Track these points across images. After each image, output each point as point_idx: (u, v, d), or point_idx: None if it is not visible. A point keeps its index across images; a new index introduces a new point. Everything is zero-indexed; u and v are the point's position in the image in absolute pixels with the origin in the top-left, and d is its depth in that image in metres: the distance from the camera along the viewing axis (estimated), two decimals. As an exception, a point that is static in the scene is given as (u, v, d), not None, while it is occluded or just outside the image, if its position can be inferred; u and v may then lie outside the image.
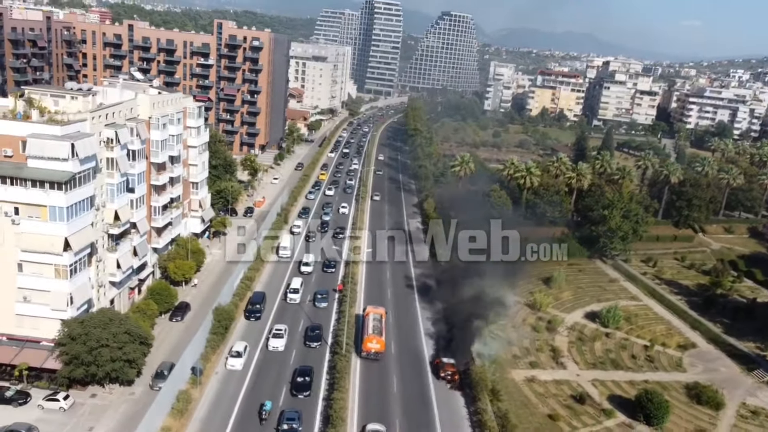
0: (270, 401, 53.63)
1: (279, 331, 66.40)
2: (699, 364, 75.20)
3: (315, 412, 54.34)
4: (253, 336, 67.22)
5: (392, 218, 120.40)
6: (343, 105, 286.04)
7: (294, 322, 71.95)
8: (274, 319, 72.25)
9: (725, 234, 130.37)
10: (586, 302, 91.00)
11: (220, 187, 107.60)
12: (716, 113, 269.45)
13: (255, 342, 65.82)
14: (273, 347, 64.36)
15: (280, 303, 77.01)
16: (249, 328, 69.37)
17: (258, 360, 62.60)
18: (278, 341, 64.94)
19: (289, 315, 74.11)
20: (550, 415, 59.86)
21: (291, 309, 75.78)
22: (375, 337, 64.44)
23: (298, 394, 56.07)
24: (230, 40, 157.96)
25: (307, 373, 58.68)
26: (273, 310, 74.56)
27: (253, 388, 57.53)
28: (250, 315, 71.01)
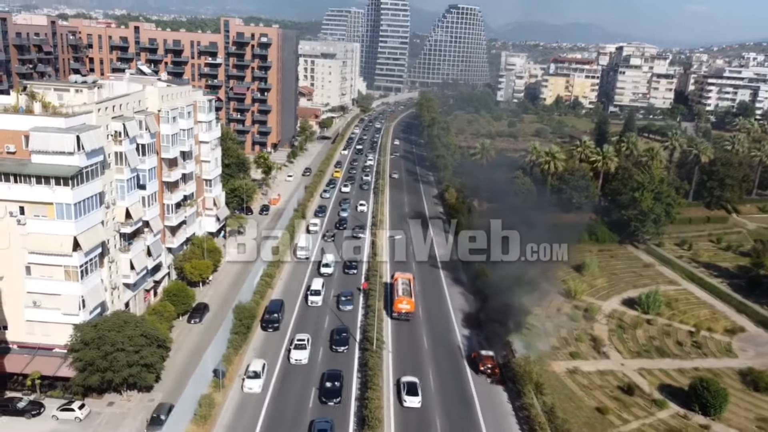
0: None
1: (301, 342, 60.12)
2: (750, 348, 70.60)
3: (348, 419, 50.21)
4: (271, 349, 61.12)
5: (413, 210, 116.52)
6: (354, 102, 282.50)
7: (317, 328, 66.39)
8: (294, 327, 66.44)
9: (760, 213, 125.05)
10: (622, 288, 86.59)
11: (234, 185, 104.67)
12: (736, 93, 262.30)
13: (274, 356, 59.66)
14: (295, 360, 58.23)
15: (301, 307, 71.73)
16: (267, 341, 63.18)
17: (278, 378, 56.12)
18: (301, 353, 58.78)
19: (312, 321, 68.38)
20: (598, 408, 55.71)
21: (313, 313, 70.47)
22: (405, 298, 69.43)
23: (327, 401, 51.65)
24: (238, 38, 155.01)
25: (336, 378, 54.20)
26: (293, 317, 68.84)
27: (273, 416, 50.23)
28: (267, 326, 64.79)
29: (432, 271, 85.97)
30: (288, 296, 73.69)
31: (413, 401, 52.00)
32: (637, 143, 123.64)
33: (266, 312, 66.41)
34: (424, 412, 52.08)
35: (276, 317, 65.42)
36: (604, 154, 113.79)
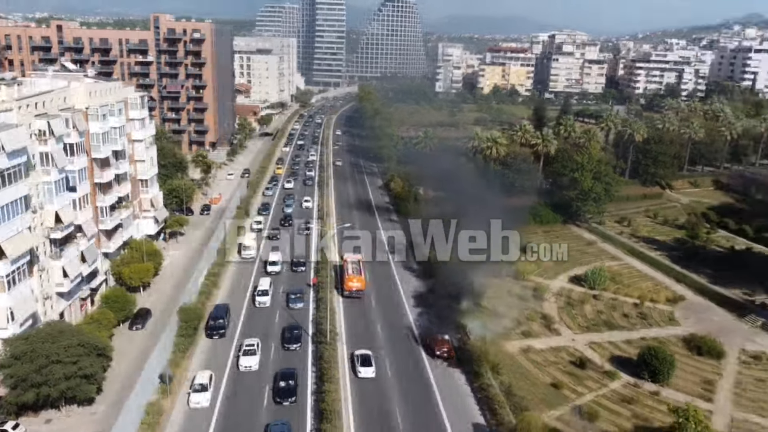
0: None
1: (251, 347, 56.56)
2: (691, 316, 73.11)
3: (305, 416, 48.62)
4: (218, 358, 56.94)
5: (359, 201, 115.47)
6: (293, 98, 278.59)
7: (267, 331, 62.81)
8: (242, 331, 62.52)
9: (691, 188, 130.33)
10: (568, 267, 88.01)
11: (172, 185, 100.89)
12: (663, 76, 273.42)
13: (222, 364, 55.59)
14: (245, 367, 54.61)
15: (248, 309, 68.09)
16: (213, 349, 58.86)
17: (228, 387, 52.33)
18: (251, 359, 55.16)
19: (261, 323, 64.76)
20: (553, 384, 56.31)
21: (262, 315, 67.07)
22: (355, 276, 72.85)
23: (282, 401, 49.45)
24: (169, 35, 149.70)
25: (290, 377, 51.82)
26: (240, 321, 65.11)
27: (225, 428, 47.23)
28: (212, 332, 60.35)
29: (382, 259, 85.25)
30: (234, 299, 70.35)
31: (368, 371, 54.18)
32: (574, 126, 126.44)
33: (210, 318, 62.14)
34: (384, 398, 51.41)
35: (221, 323, 61.34)
36: (543, 137, 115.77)
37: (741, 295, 78.36)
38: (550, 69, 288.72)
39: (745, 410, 53.94)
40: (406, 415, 49.36)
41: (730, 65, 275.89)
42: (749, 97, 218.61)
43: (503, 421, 45.83)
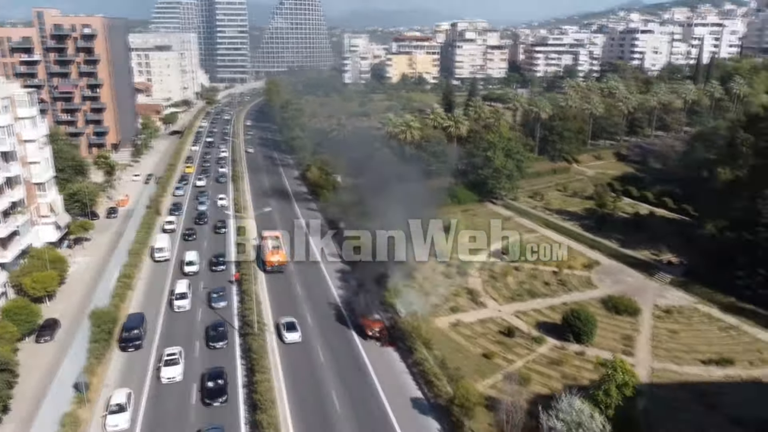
0: None
1: (172, 357, 52.29)
2: (606, 278, 76.55)
3: (237, 415, 46.35)
4: (135, 373, 51.92)
5: (276, 192, 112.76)
6: (198, 96, 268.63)
7: (190, 337, 58.74)
8: (161, 340, 57.81)
9: (596, 161, 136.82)
10: (489, 239, 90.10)
11: (72, 189, 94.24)
12: (561, 59, 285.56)
13: (140, 380, 50.78)
14: (168, 379, 50.19)
15: (167, 316, 63.78)
16: (129, 363, 53.66)
17: (149, 404, 47.74)
18: (174, 370, 50.85)
19: (182, 329, 60.55)
20: (485, 354, 57.22)
21: (182, 319, 62.75)
22: (276, 251, 74.80)
23: (212, 402, 46.90)
24: (56, 31, 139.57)
25: (219, 376, 49.35)
26: (158, 329, 60.33)
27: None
28: (127, 345, 55.50)
29: (302, 242, 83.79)
30: (149, 305, 65.45)
31: (294, 336, 56.78)
32: (483, 107, 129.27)
33: (124, 329, 56.99)
34: (320, 384, 50.41)
35: (137, 334, 56.52)
36: (454, 119, 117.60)
37: (649, 255, 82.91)
38: (454, 56, 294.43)
39: (663, 360, 56.98)
40: (343, 398, 48.48)
41: (620, 46, 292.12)
42: (639, 75, 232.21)
43: (441, 393, 45.88)
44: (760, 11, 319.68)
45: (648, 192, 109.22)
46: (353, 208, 78.62)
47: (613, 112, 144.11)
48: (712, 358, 56.62)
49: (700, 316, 66.08)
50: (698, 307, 67.74)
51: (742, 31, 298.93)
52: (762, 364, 56.13)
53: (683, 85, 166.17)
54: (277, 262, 73.26)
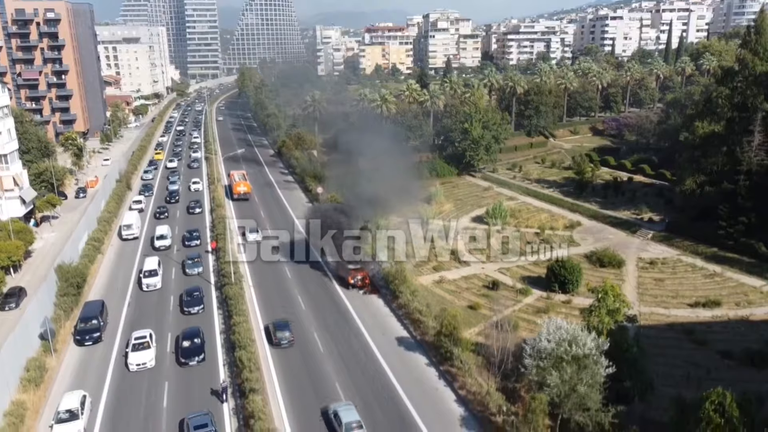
0: None
1: (142, 340, 44.46)
2: (588, 237, 75.94)
3: (216, 368, 43.10)
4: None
5: (257, 179, 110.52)
6: (168, 90, 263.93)
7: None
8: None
9: (572, 136, 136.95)
10: (469, 210, 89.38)
11: (39, 168, 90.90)
12: (533, 47, 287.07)
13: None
14: (137, 365, 42.58)
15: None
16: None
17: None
18: (143, 355, 43.22)
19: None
20: (470, 306, 55.84)
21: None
22: (241, 182, 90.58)
23: (188, 361, 42.75)
24: (18, 16, 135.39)
25: (195, 335, 45.20)
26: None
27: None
28: (83, 338, 46.57)
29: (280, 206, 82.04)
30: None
31: (254, 236, 67.37)
32: (459, 83, 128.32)
33: (80, 320, 48.19)
34: (302, 330, 48.54)
35: (95, 324, 47.43)
36: (431, 93, 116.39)
37: (630, 215, 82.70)
38: (428, 46, 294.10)
39: (650, 305, 56.24)
40: (325, 338, 46.74)
41: (590, 33, 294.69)
42: (611, 59, 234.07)
43: (427, 331, 44.47)
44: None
45: (626, 161, 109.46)
46: (333, 174, 76.53)
47: (587, 88, 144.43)
48: (699, 301, 56.10)
49: (684, 266, 65.66)
50: (682, 258, 67.37)
51: (708, 17, 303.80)
52: (748, 304, 55.69)
53: (655, 62, 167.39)
54: (243, 191, 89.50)
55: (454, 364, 39.94)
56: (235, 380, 39.39)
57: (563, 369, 32.95)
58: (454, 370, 39.89)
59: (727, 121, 73.56)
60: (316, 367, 42.76)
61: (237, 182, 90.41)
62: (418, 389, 39.18)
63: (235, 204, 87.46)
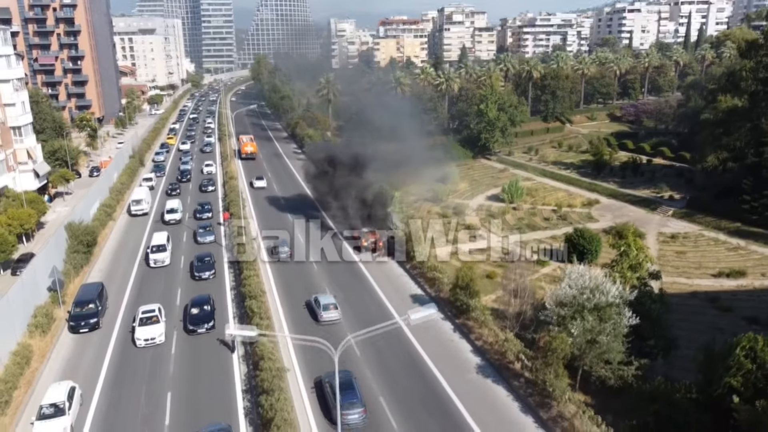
0: None
1: (149, 314, 40.52)
2: (607, 213, 74.39)
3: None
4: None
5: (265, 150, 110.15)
6: (183, 82, 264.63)
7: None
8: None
9: (589, 122, 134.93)
10: (484, 189, 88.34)
11: (53, 146, 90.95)
12: (549, 39, 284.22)
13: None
14: (146, 341, 38.81)
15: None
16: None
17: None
18: (151, 330, 39.26)
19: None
20: (487, 275, 54.59)
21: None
22: (249, 143, 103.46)
23: (197, 329, 40.09)
24: (34, 1, 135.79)
25: (205, 302, 42.40)
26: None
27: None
28: (79, 324, 40.81)
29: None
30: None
31: (260, 183, 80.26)
32: (474, 67, 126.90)
33: (75, 304, 42.24)
34: (311, 282, 47.68)
35: (92, 309, 41.76)
36: (446, 76, 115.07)
37: (649, 193, 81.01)
38: (443, 39, 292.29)
39: (671, 275, 54.55)
40: (338, 296, 45.55)
41: (608, 26, 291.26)
42: (628, 51, 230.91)
43: (442, 288, 43.42)
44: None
45: (644, 144, 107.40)
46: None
47: (605, 74, 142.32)
48: (723, 272, 54.46)
49: (707, 239, 64.03)
50: (704, 233, 65.70)
51: (729, 10, 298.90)
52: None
53: (675, 50, 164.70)
54: (250, 151, 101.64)
55: (470, 317, 38.90)
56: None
57: (585, 317, 31.69)
58: (470, 323, 38.84)
59: (750, 95, 71.57)
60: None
61: (245, 143, 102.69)
62: (433, 341, 38.21)
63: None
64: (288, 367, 34.19)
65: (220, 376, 34.81)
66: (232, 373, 35.24)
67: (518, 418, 30.20)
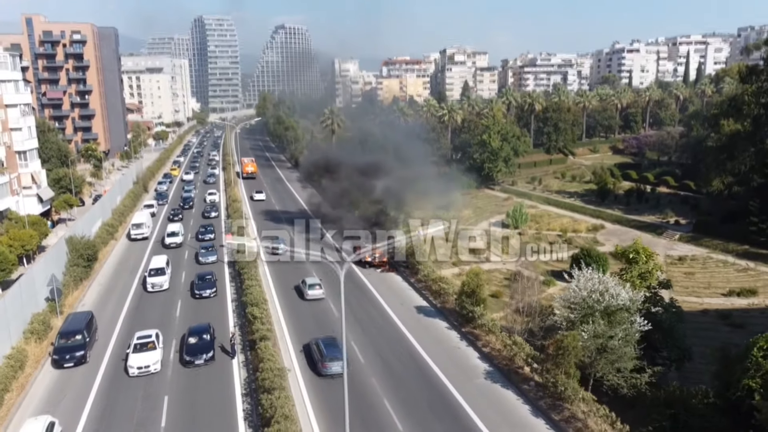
0: None
1: (146, 339, 36.66)
2: (612, 238, 73.67)
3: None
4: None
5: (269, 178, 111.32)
6: (189, 120, 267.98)
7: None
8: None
9: (591, 154, 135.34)
10: (488, 216, 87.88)
11: (58, 174, 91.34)
12: (549, 79, 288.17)
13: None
14: (139, 369, 34.77)
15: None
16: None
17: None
18: (147, 357, 35.34)
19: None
20: (492, 295, 53.63)
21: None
22: (249, 164, 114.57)
23: (194, 360, 36.05)
24: (45, 37, 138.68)
25: (204, 331, 38.26)
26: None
27: None
28: (63, 359, 36.14)
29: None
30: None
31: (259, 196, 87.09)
32: (477, 101, 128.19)
33: (61, 335, 37.41)
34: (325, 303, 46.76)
35: (79, 341, 36.83)
36: (449, 107, 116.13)
37: (655, 219, 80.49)
38: (445, 79, 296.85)
39: (681, 295, 53.45)
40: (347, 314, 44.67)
41: (607, 66, 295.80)
42: (629, 89, 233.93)
43: (448, 300, 42.61)
44: (742, 32, 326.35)
45: (648, 174, 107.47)
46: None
47: (606, 107, 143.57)
48: (734, 290, 53.49)
49: (715, 262, 63.19)
50: (712, 255, 64.89)
51: (726, 51, 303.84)
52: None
53: (676, 85, 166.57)
54: (250, 171, 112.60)
55: (477, 325, 38.01)
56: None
57: (596, 321, 30.83)
58: (476, 332, 37.94)
59: (753, 118, 71.74)
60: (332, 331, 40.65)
61: (246, 164, 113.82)
62: (439, 348, 37.63)
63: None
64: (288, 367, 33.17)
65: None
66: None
67: (529, 421, 29.08)
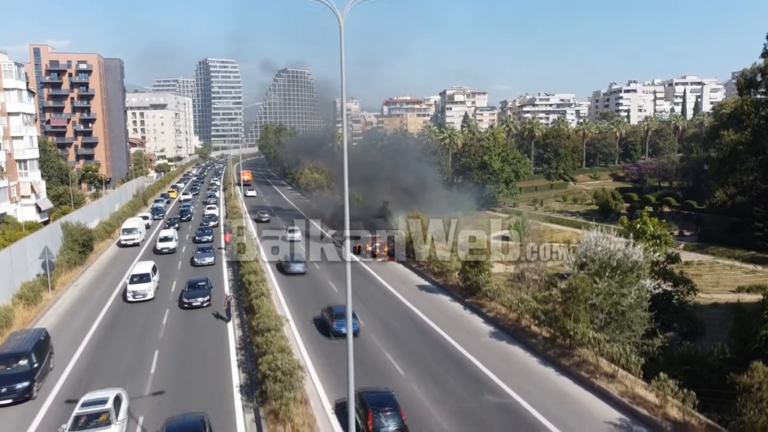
0: None
1: (95, 407, 22.26)
2: (617, 249, 72.73)
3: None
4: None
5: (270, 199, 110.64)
6: (191, 156, 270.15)
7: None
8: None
9: (592, 180, 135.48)
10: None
11: (57, 191, 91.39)
12: (548, 118, 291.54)
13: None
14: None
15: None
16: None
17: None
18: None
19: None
20: (495, 292, 52.64)
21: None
22: (245, 173, 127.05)
23: (192, 301, 37.43)
24: (51, 66, 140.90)
25: (202, 281, 40.66)
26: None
27: None
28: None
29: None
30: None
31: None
32: (477, 127, 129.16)
33: (2, 358, 27.07)
34: (315, 276, 45.87)
35: (24, 368, 26.50)
36: (449, 132, 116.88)
37: (658, 232, 79.66)
38: (445, 119, 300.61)
39: (689, 293, 52.56)
40: (342, 287, 43.17)
41: (605, 106, 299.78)
42: (627, 122, 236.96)
43: (450, 278, 41.85)
44: (737, 76, 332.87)
45: (650, 196, 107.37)
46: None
47: (606, 135, 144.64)
48: (743, 287, 52.44)
49: (722, 266, 62.30)
50: (718, 261, 64.00)
51: (722, 92, 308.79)
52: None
53: (674, 117, 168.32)
54: (246, 179, 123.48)
55: (481, 295, 37.40)
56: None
57: (609, 277, 30.06)
58: (481, 301, 37.28)
59: (753, 129, 71.90)
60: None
61: (243, 172, 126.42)
62: (441, 315, 37.05)
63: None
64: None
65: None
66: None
67: (539, 369, 28.11)
